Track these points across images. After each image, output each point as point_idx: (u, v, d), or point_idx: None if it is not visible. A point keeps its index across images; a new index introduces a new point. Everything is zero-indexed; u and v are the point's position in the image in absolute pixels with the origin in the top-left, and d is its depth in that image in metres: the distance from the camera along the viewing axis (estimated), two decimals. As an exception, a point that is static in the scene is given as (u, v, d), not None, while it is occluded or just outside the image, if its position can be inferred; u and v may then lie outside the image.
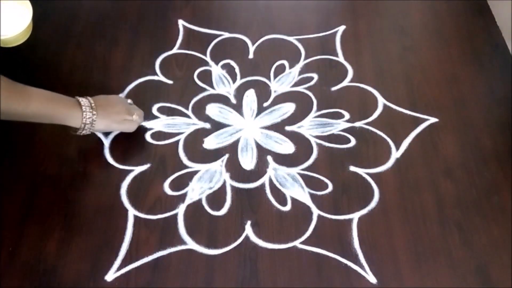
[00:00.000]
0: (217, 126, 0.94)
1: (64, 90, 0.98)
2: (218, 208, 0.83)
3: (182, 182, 0.86)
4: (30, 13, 0.90)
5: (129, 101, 0.91)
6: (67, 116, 0.80)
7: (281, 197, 0.84)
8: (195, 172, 0.87)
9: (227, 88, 0.99)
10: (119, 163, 0.88)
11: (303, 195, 0.85)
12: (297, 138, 0.92)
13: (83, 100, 0.81)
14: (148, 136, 0.92)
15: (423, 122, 0.94)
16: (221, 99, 0.98)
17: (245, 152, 0.90)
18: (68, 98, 0.81)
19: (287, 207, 0.83)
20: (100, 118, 0.82)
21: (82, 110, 0.80)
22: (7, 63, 1.01)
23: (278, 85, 1.00)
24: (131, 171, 0.87)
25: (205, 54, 1.05)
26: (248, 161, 0.89)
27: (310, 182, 0.86)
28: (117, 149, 0.90)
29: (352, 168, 0.88)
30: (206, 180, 0.86)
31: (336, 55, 1.05)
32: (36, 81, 0.99)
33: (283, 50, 1.06)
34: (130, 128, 0.89)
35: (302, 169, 0.88)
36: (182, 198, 0.84)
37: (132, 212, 0.82)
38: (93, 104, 0.82)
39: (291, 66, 1.03)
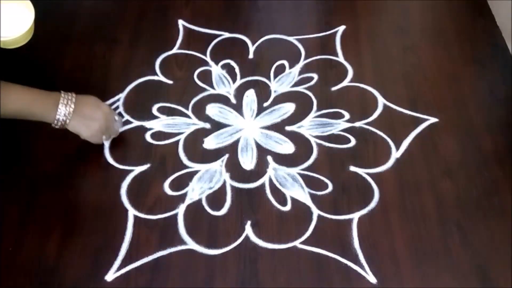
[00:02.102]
0: (217, 126, 0.94)
1: (64, 89, 0.98)
2: (218, 208, 0.83)
3: (182, 182, 0.86)
4: (32, 14, 0.89)
5: (117, 117, 0.89)
6: (41, 116, 0.80)
7: (281, 197, 0.84)
8: (195, 172, 0.87)
9: (227, 88, 0.99)
10: (119, 163, 0.88)
11: (303, 195, 0.85)
12: (297, 138, 0.92)
13: (63, 102, 0.81)
14: (148, 136, 0.92)
15: (423, 122, 0.94)
16: (221, 99, 0.98)
17: (245, 152, 0.90)
18: (48, 97, 0.81)
19: (287, 207, 0.83)
20: (74, 123, 0.82)
21: (56, 113, 0.80)
22: (7, 63, 1.01)
23: (278, 85, 1.00)
24: (131, 171, 0.87)
25: (205, 54, 1.05)
26: (248, 161, 0.89)
27: (310, 182, 0.86)
28: (117, 149, 0.90)
29: (352, 168, 0.88)
30: (206, 180, 0.86)
31: (336, 55, 1.05)
32: (36, 81, 1.00)
33: (283, 50, 1.06)
34: (96, 143, 0.88)
35: (302, 169, 0.88)
36: (182, 198, 0.84)
37: (132, 212, 0.82)
38: (71, 110, 0.81)
39: (291, 66, 1.03)
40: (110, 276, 0.75)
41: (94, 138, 0.86)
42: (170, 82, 1.00)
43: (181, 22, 1.10)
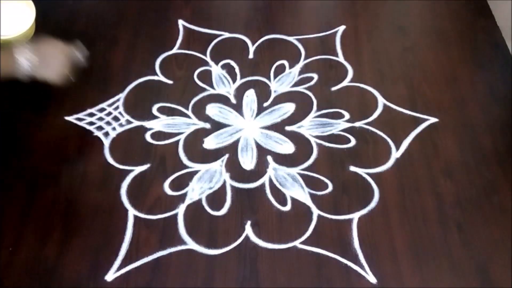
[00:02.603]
0: (217, 126, 0.94)
1: (64, 89, 0.98)
2: (218, 208, 0.83)
3: (182, 182, 0.86)
4: (33, 13, 0.89)
5: (77, 49, 0.89)
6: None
7: (281, 197, 0.84)
8: (195, 172, 0.87)
9: (227, 88, 0.99)
10: (119, 163, 0.88)
11: (303, 195, 0.85)
12: (297, 138, 0.92)
13: (20, 49, 0.81)
14: (148, 136, 0.92)
15: (423, 122, 0.94)
16: (221, 99, 0.98)
17: (245, 152, 0.90)
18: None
19: (287, 207, 0.83)
20: (38, 66, 0.82)
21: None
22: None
23: (278, 85, 1.00)
24: (131, 171, 0.87)
25: (205, 54, 1.05)
26: (248, 161, 0.89)
27: (310, 182, 0.86)
28: (117, 149, 0.90)
29: (352, 168, 0.88)
30: (206, 180, 0.86)
31: (336, 55, 1.05)
32: (36, 81, 1.00)
33: (283, 50, 1.06)
34: (59, 78, 0.86)
35: (302, 169, 0.88)
36: (182, 198, 0.84)
37: (132, 212, 0.82)
38: (29, 53, 0.81)
39: (291, 66, 1.03)
40: (110, 276, 0.75)
41: (60, 74, 0.85)
42: (170, 82, 1.00)
43: (181, 22, 1.10)
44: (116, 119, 0.94)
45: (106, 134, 0.92)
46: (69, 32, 1.08)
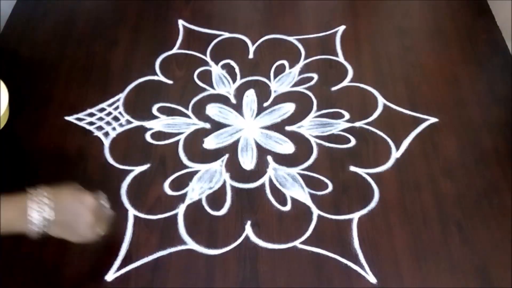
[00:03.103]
0: (217, 126, 0.94)
1: (64, 89, 0.98)
2: (218, 208, 0.83)
3: (182, 182, 0.86)
4: (6, 96, 0.79)
5: (103, 201, 0.71)
6: (10, 228, 0.62)
7: (281, 197, 0.84)
8: (195, 172, 0.87)
9: (227, 88, 0.99)
10: (119, 163, 0.88)
11: (303, 195, 0.85)
12: (297, 138, 0.92)
13: (34, 208, 0.62)
14: (148, 136, 0.92)
15: (423, 122, 0.94)
16: (221, 99, 0.98)
17: (245, 152, 0.90)
18: (12, 205, 0.63)
19: (287, 207, 0.83)
20: (54, 228, 0.64)
21: (28, 222, 0.62)
22: (7, 63, 1.01)
23: (278, 85, 1.00)
24: (131, 171, 0.87)
25: (205, 54, 1.05)
26: (248, 161, 0.89)
27: (310, 182, 0.86)
28: (117, 149, 0.90)
29: (352, 168, 0.88)
30: (206, 180, 0.86)
31: (336, 55, 1.05)
32: (36, 81, 1.00)
33: (283, 50, 1.06)
34: (90, 240, 0.69)
35: (302, 169, 0.88)
36: (182, 198, 0.84)
37: (132, 212, 0.82)
38: (47, 216, 0.62)
39: (291, 66, 1.03)
40: (110, 276, 0.75)
41: (88, 238, 0.68)
42: (170, 82, 1.00)
43: (181, 22, 1.10)
44: (116, 119, 0.94)
45: (106, 134, 0.92)
46: (69, 32, 1.08)
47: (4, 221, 0.61)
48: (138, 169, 0.87)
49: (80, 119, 0.94)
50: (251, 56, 1.05)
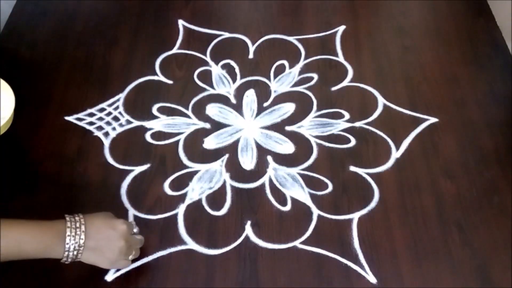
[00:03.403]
0: (217, 126, 0.94)
1: (64, 89, 0.98)
2: (218, 208, 0.83)
3: (182, 182, 0.86)
4: (12, 100, 0.81)
5: (135, 229, 0.75)
6: (45, 253, 0.64)
7: (281, 197, 0.84)
8: (195, 172, 0.87)
9: (227, 88, 0.99)
10: (119, 163, 0.88)
11: (303, 195, 0.85)
12: (297, 138, 0.92)
13: (71, 233, 0.65)
14: (148, 136, 0.92)
15: (423, 122, 0.94)
16: (221, 99, 0.98)
17: (245, 152, 0.90)
18: (48, 230, 0.64)
19: (287, 207, 0.83)
20: (87, 254, 0.66)
21: (64, 248, 0.64)
22: (7, 63, 1.01)
23: (278, 85, 1.00)
24: (131, 171, 0.87)
25: (205, 54, 1.05)
26: (248, 161, 0.89)
27: (310, 182, 0.86)
28: (117, 149, 0.90)
29: (352, 168, 0.88)
30: (206, 180, 0.86)
31: (336, 55, 1.05)
32: (36, 81, 1.00)
33: (283, 50, 1.06)
34: (123, 267, 0.74)
35: (302, 169, 0.88)
36: (182, 198, 0.84)
37: (132, 212, 0.82)
38: (82, 241, 0.65)
39: (291, 66, 1.03)
40: (110, 276, 0.75)
41: (119, 264, 0.71)
42: (170, 82, 1.00)
43: (181, 22, 1.10)
44: (116, 119, 0.94)
45: (106, 134, 0.92)
46: (69, 32, 1.08)
47: (41, 246, 0.63)
48: (138, 169, 0.87)
49: (80, 119, 0.94)
50: (251, 56, 1.05)
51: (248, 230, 0.81)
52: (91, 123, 0.93)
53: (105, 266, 0.70)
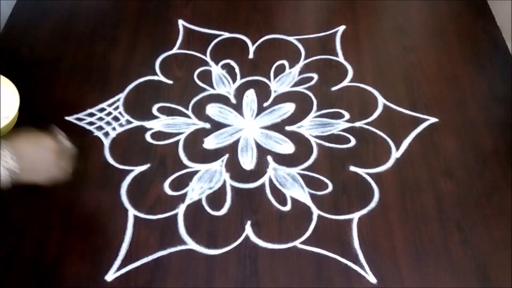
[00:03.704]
0: (217, 126, 0.94)
1: (64, 89, 0.98)
2: (218, 208, 0.83)
3: (182, 182, 0.86)
4: (17, 99, 0.82)
5: (61, 137, 0.72)
6: None
7: (281, 197, 0.84)
8: (195, 172, 0.87)
9: (227, 88, 0.99)
10: (119, 163, 0.88)
11: (303, 195, 0.85)
12: (297, 138, 0.92)
13: None
14: (148, 136, 0.92)
15: (423, 122, 0.94)
16: (221, 99, 0.98)
17: (245, 152, 0.90)
18: None
19: (287, 207, 0.83)
20: (21, 172, 0.65)
21: None
22: (7, 63, 1.01)
23: (278, 85, 1.00)
24: (131, 171, 0.87)
25: (205, 54, 1.05)
26: (248, 161, 0.89)
27: (310, 182, 0.86)
28: (117, 149, 0.90)
29: (352, 168, 0.88)
30: (206, 180, 0.86)
31: (336, 55, 1.05)
32: (36, 81, 1.00)
33: (283, 50, 1.06)
34: (54, 178, 0.70)
35: (302, 169, 0.88)
36: (182, 198, 0.84)
37: (132, 212, 0.82)
38: (9, 160, 0.64)
39: (291, 66, 1.03)
40: (110, 276, 0.75)
41: (54, 176, 0.69)
42: (170, 82, 1.00)
43: (181, 22, 1.10)
44: (116, 119, 0.94)
45: (106, 134, 0.92)
46: (69, 32, 1.08)
47: None
48: (138, 169, 0.87)
49: (80, 119, 0.94)
50: (251, 56, 1.05)
51: (248, 230, 0.81)
52: (91, 123, 0.93)
53: (43, 181, 0.69)
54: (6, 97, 0.82)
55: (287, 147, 0.91)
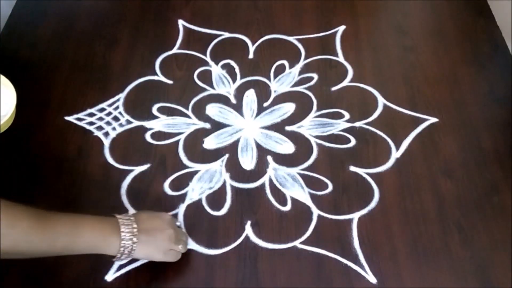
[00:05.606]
0: (217, 126, 0.94)
1: (64, 89, 0.98)
2: (218, 208, 0.83)
3: (182, 182, 0.86)
4: (13, 96, 0.82)
5: (178, 222, 0.79)
6: (102, 246, 0.66)
7: (281, 197, 0.84)
8: (195, 172, 0.87)
9: (227, 88, 0.99)
10: (119, 163, 0.88)
11: (303, 195, 0.85)
12: (297, 138, 0.92)
13: (124, 223, 0.66)
14: (148, 136, 0.92)
15: (423, 122, 0.94)
16: (221, 99, 0.98)
17: (245, 152, 0.90)
18: (104, 221, 0.66)
19: (287, 207, 0.83)
20: (142, 245, 0.67)
21: (121, 238, 0.65)
22: (7, 63, 1.01)
23: (278, 85, 1.00)
24: (131, 171, 0.87)
25: (205, 54, 1.05)
26: (248, 161, 0.89)
27: (310, 182, 0.86)
28: (117, 149, 0.90)
29: (352, 168, 0.88)
30: (206, 180, 0.86)
31: (336, 55, 1.05)
32: (36, 81, 1.00)
33: (283, 50, 1.06)
34: (174, 259, 0.73)
35: (302, 169, 0.88)
36: (182, 198, 0.84)
37: (132, 212, 0.82)
38: (135, 229, 0.67)
39: (291, 66, 1.03)
40: (110, 276, 0.75)
41: (170, 255, 0.72)
42: (170, 82, 1.00)
43: (181, 22, 1.10)
44: (116, 119, 0.94)
45: (106, 134, 0.92)
46: (69, 32, 1.08)
47: (98, 239, 0.64)
48: (138, 169, 0.87)
49: (80, 119, 0.94)
50: (251, 56, 1.05)
51: (248, 230, 0.81)
52: (91, 123, 0.93)
53: (158, 258, 0.71)
54: (3, 95, 0.82)
55: (287, 147, 0.91)
